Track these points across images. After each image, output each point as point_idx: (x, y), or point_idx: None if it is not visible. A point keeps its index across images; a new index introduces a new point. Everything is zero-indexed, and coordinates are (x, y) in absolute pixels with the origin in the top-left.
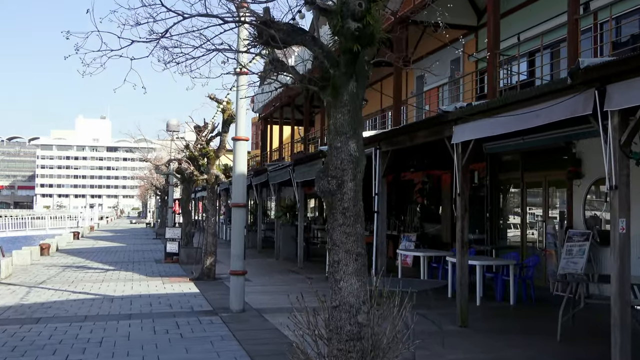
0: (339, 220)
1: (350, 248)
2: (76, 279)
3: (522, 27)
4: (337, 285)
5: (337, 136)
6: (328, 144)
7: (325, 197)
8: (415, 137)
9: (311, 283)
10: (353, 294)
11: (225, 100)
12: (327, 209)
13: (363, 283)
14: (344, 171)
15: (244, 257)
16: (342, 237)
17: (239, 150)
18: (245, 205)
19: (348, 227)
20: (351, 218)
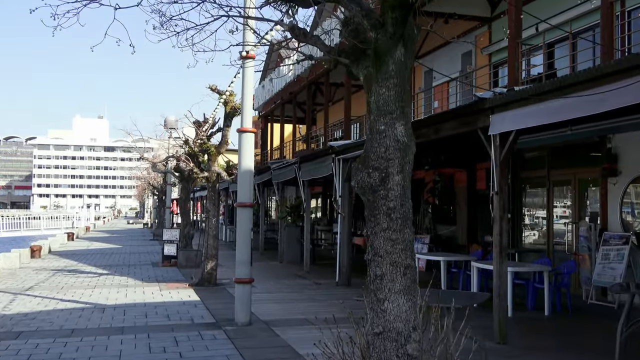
0: (382, 224)
1: (397, 259)
2: (66, 285)
3: (542, 16)
4: (381, 306)
5: (379, 117)
6: (368, 127)
7: (365, 195)
8: (441, 129)
9: (318, 287)
10: (401, 318)
11: (227, 91)
12: (366, 209)
13: (413, 303)
14: (389, 161)
15: (251, 263)
16: (387, 245)
17: (245, 143)
18: (252, 205)
19: (394, 233)
20: (398, 221)
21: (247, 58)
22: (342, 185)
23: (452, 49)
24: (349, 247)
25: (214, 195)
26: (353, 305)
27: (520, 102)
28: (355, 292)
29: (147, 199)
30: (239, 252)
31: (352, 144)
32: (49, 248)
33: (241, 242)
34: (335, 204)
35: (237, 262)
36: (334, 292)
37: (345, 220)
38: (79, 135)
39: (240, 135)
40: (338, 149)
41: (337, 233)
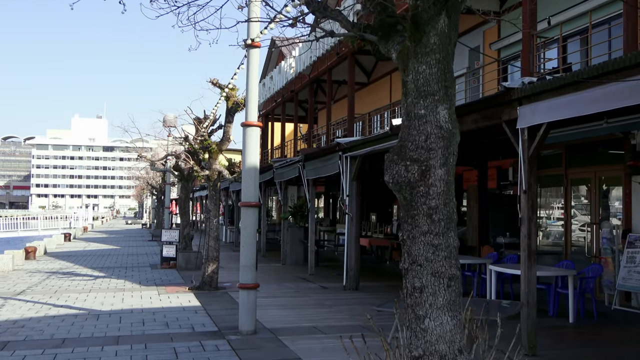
0: (421, 227)
1: (439, 268)
2: (60, 289)
3: (555, 9)
4: (420, 324)
5: (419, 99)
6: (404, 112)
7: (401, 192)
8: (462, 123)
9: (324, 291)
10: (445, 339)
11: (229, 85)
12: (402, 209)
13: (458, 321)
14: (430, 152)
15: (256, 267)
16: (428, 251)
17: (249, 138)
18: (257, 205)
19: (437, 237)
20: (441, 223)
21: (252, 47)
22: (350, 184)
23: (459, 45)
24: (357, 250)
25: (215, 195)
26: (374, 316)
27: (553, 92)
28: (364, 296)
29: (146, 199)
30: (243, 255)
31: (361, 141)
32: (44, 249)
33: (246, 245)
34: (343, 204)
35: (242, 267)
36: (342, 297)
37: (353, 221)
38: (77, 135)
39: (245, 129)
40: (346, 146)
41: (343, 234)
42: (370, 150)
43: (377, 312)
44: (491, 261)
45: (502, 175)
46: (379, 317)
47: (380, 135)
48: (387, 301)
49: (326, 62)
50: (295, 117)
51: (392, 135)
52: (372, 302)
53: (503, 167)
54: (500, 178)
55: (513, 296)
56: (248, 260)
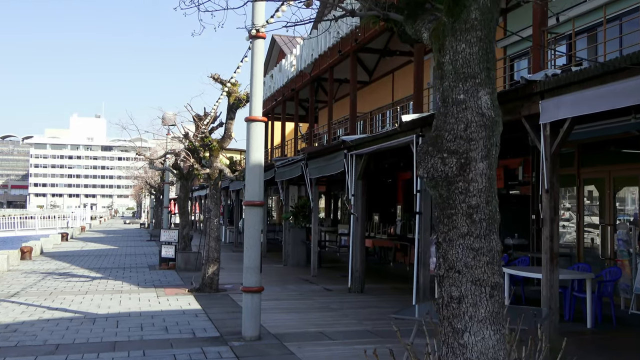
0: (460, 228)
1: (481, 276)
2: (56, 290)
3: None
4: (459, 339)
5: (457, 82)
6: (440, 97)
7: (437, 188)
8: None
9: (329, 294)
10: (487, 356)
11: (231, 81)
12: (437, 207)
13: (502, 335)
14: (471, 142)
15: (260, 270)
16: (468, 256)
17: (254, 134)
18: (262, 204)
19: (477, 240)
20: (482, 224)
21: (257, 37)
22: (355, 183)
23: None
24: (363, 251)
25: (215, 194)
26: (381, 320)
27: (581, 84)
28: (370, 299)
29: (144, 198)
30: (247, 257)
31: (368, 138)
32: (40, 249)
33: (250, 246)
34: (348, 203)
35: (245, 269)
36: (348, 300)
37: (358, 222)
38: (76, 135)
39: (249, 124)
40: (351, 144)
41: (345, 234)
42: (377, 148)
43: (394, 319)
44: (502, 263)
45: (510, 175)
46: (389, 321)
47: (388, 132)
48: (402, 308)
49: (327, 60)
50: (296, 116)
51: (401, 132)
52: (378, 305)
53: (510, 166)
54: (507, 178)
55: (525, 300)
56: (252, 262)
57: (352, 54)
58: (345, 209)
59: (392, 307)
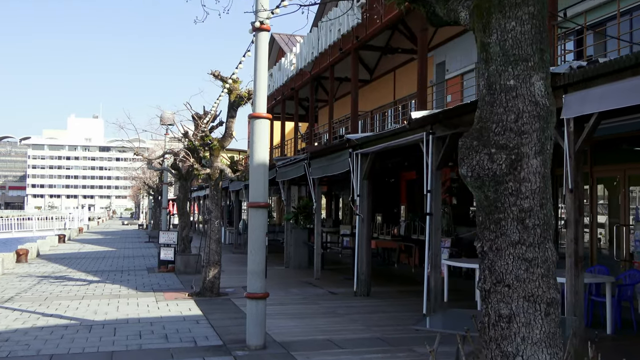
0: (510, 235)
1: (535, 291)
2: (51, 295)
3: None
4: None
5: (506, 65)
6: (484, 84)
7: (482, 189)
8: None
9: (334, 298)
10: None
11: (232, 77)
12: (481, 210)
13: (559, 359)
14: (523, 135)
15: (265, 275)
16: (519, 268)
17: (258, 131)
18: (267, 205)
19: (531, 249)
20: (536, 230)
21: (260, 30)
22: (361, 183)
23: (467, 39)
24: (369, 253)
25: (216, 195)
26: (399, 329)
27: (610, 76)
28: (377, 303)
29: (143, 199)
30: (251, 261)
31: (374, 137)
32: (37, 251)
33: (254, 250)
34: (353, 204)
35: (250, 273)
36: (354, 304)
37: (364, 223)
38: (73, 135)
39: (253, 121)
40: (356, 142)
41: (347, 235)
42: (384, 146)
43: (415, 331)
44: None
45: None
46: (398, 327)
47: (396, 130)
48: (416, 316)
49: (328, 59)
50: (296, 115)
51: (410, 130)
52: (386, 309)
53: None
54: None
55: None
56: (256, 266)
57: (354, 52)
58: (347, 210)
59: (400, 312)
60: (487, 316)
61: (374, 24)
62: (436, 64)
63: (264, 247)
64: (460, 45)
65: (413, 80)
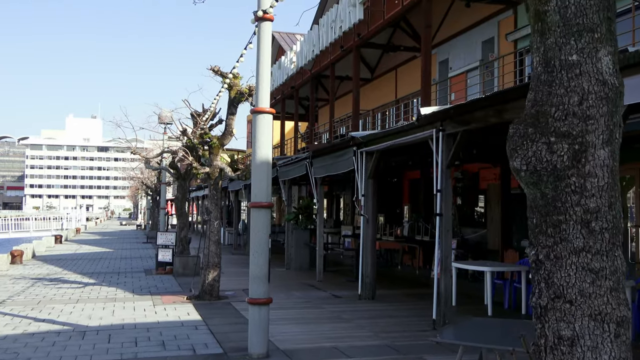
0: (573, 241)
1: (602, 308)
2: (45, 298)
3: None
4: None
5: (568, 38)
6: (540, 61)
7: (539, 185)
8: (507, 110)
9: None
10: None
11: (232, 72)
12: (533, 211)
13: None
14: (589, 121)
15: (269, 279)
16: (584, 281)
17: (260, 127)
18: (270, 205)
19: (597, 258)
20: (604, 235)
21: (263, 19)
22: (366, 182)
23: (471, 37)
24: (373, 255)
25: (216, 195)
26: (408, 336)
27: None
28: (383, 307)
29: (141, 199)
30: (254, 264)
31: (380, 134)
32: (32, 252)
33: (257, 252)
34: (357, 204)
35: (252, 278)
36: (359, 308)
37: (369, 224)
38: (72, 135)
39: (256, 117)
40: (361, 140)
41: (348, 236)
42: (390, 144)
43: (435, 344)
44: (527, 268)
45: None
46: (406, 333)
47: (403, 127)
48: (443, 328)
49: (329, 57)
50: (296, 114)
51: (418, 127)
52: (393, 314)
53: None
54: None
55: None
56: (259, 270)
57: (355, 49)
58: (349, 210)
59: (408, 317)
60: (543, 338)
61: (376, 20)
62: (439, 62)
63: (267, 249)
64: (463, 43)
65: (415, 78)
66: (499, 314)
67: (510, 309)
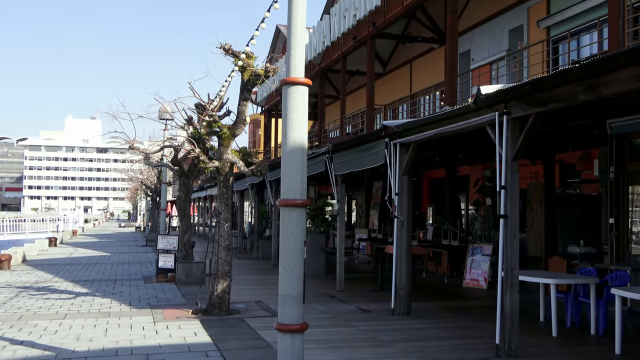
0: None
1: None
2: (28, 312)
3: None
4: None
5: None
6: None
7: None
8: (607, 84)
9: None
10: None
11: (246, 51)
12: None
13: None
14: None
15: (304, 299)
16: None
17: (294, 101)
18: (306, 204)
19: None
20: None
21: None
22: (400, 179)
23: (497, 25)
24: (409, 264)
25: (226, 193)
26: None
27: None
28: (425, 325)
29: (140, 200)
30: (285, 280)
31: (420, 122)
32: (22, 256)
33: (289, 265)
34: (390, 205)
35: (282, 298)
36: (397, 326)
37: (404, 227)
38: (71, 137)
39: (287, 90)
40: (396, 130)
41: (363, 240)
42: (435, 133)
43: None
44: (596, 280)
45: (567, 171)
46: None
47: (454, 112)
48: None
49: (340, 49)
50: None
51: (473, 111)
52: (441, 335)
53: (567, 161)
54: (564, 175)
55: (623, 328)
56: (292, 287)
57: (369, 40)
58: (362, 212)
59: (460, 339)
60: None
61: (393, 8)
62: (459, 54)
63: (301, 261)
64: (487, 32)
65: (432, 72)
66: (563, 334)
67: (574, 328)
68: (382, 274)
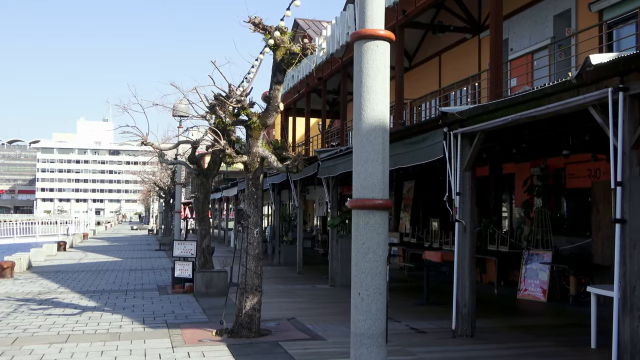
0: None
1: None
2: (25, 333)
3: None
4: None
5: None
6: None
7: None
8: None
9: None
10: None
11: (278, 28)
12: None
13: None
14: None
15: (386, 339)
16: None
17: (373, 64)
18: (388, 206)
19: None
20: None
21: None
22: (462, 175)
23: (540, 11)
24: (473, 276)
25: (255, 193)
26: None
27: None
28: (494, 352)
29: (153, 202)
30: (359, 312)
31: (494, 105)
32: (28, 263)
33: (368, 290)
34: (451, 206)
35: (356, 336)
36: (465, 354)
37: (467, 233)
38: (83, 139)
39: (362, 46)
40: (459, 117)
41: (394, 244)
42: (512, 119)
43: None
44: None
45: None
46: None
47: (546, 91)
48: None
49: None
50: (323, 108)
51: (572, 88)
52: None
53: None
54: None
55: None
56: (370, 323)
57: (399, 29)
58: (391, 214)
59: None
60: None
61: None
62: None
63: (384, 286)
64: (528, 19)
65: (464, 64)
66: None
67: None
68: (428, 285)
